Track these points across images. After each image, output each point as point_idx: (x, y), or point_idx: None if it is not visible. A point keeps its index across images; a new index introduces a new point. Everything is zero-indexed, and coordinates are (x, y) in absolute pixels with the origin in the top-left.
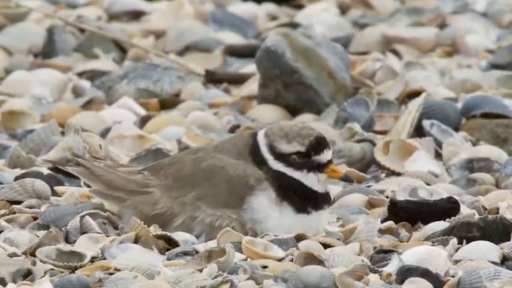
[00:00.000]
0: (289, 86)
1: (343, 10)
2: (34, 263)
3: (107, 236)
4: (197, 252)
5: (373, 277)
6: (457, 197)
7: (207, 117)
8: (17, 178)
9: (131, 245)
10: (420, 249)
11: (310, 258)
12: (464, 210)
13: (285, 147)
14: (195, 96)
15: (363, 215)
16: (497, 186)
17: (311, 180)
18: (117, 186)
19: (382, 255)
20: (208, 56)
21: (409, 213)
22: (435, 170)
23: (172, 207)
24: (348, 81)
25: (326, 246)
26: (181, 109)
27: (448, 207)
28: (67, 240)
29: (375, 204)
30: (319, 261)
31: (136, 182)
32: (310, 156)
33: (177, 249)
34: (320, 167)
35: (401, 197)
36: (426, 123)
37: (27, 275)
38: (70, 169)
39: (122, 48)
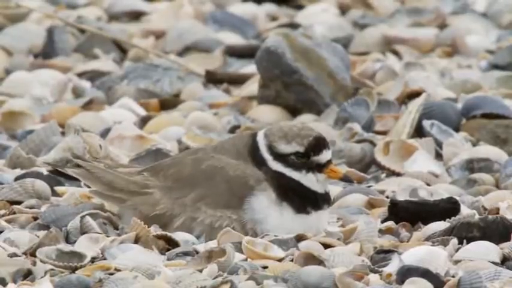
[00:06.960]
0: (289, 87)
1: (343, 10)
2: (34, 263)
3: (107, 236)
4: (197, 253)
5: (373, 277)
6: (457, 197)
7: (207, 118)
8: (17, 178)
9: (131, 245)
10: (420, 250)
11: (310, 259)
12: (465, 211)
13: (284, 148)
14: (195, 97)
15: (363, 215)
16: (498, 186)
17: (310, 180)
18: (117, 187)
19: (383, 255)
20: (208, 56)
21: (409, 214)
22: (435, 170)
23: (172, 208)
24: (348, 81)
25: (326, 246)
26: (181, 109)
27: (448, 208)
28: (67, 240)
29: (375, 204)
30: (319, 262)
31: (137, 182)
32: (309, 156)
33: (177, 250)
34: (319, 167)
35: (401, 197)
36: (426, 123)
37: (28, 275)
38: (70, 171)
39: (122, 49)
